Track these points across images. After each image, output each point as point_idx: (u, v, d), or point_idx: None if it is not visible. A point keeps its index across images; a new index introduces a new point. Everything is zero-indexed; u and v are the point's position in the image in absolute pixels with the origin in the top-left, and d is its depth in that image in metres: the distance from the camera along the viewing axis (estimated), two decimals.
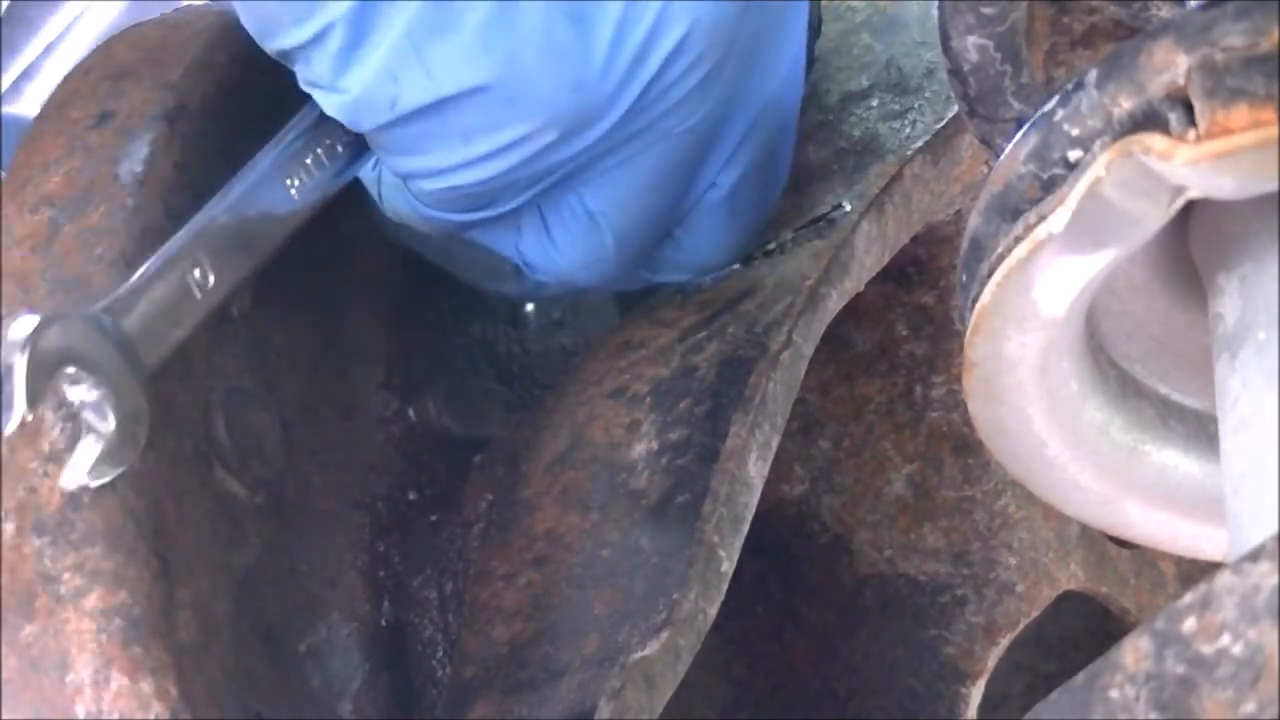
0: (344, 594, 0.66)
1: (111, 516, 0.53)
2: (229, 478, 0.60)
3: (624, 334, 0.70)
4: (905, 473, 0.75)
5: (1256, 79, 0.37)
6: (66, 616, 0.52)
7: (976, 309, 0.43)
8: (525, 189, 0.66)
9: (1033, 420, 0.47)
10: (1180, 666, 0.29)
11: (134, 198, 0.61)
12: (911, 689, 0.72)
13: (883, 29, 0.78)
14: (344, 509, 0.68)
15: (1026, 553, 0.74)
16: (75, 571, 0.52)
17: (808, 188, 0.73)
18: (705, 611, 0.57)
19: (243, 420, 0.62)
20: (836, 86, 0.77)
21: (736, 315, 0.66)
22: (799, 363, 0.63)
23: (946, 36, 0.51)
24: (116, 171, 0.62)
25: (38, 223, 0.61)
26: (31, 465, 0.54)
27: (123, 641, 0.52)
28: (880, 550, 0.74)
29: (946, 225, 0.75)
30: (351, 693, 0.65)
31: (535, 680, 0.58)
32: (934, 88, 0.74)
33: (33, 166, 0.64)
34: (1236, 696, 0.28)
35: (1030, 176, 0.41)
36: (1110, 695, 0.30)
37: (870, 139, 0.73)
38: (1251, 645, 0.28)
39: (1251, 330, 0.41)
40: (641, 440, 0.63)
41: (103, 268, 0.58)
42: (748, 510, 0.60)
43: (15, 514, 0.54)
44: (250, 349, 0.65)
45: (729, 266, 0.72)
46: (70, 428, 0.53)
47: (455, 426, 0.73)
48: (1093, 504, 0.50)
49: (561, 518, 0.63)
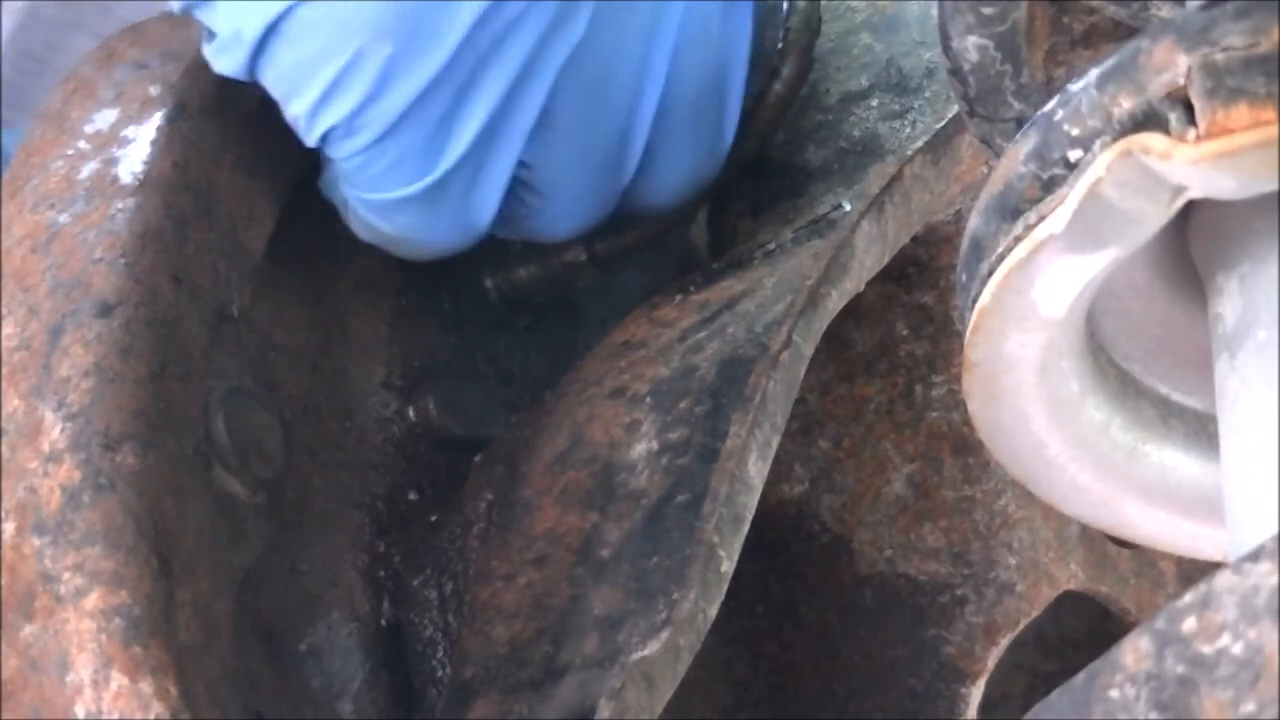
0: (344, 594, 0.66)
1: (111, 516, 0.53)
2: (229, 478, 0.60)
3: (624, 334, 0.70)
4: (905, 473, 0.75)
5: (1256, 79, 0.37)
6: (66, 616, 0.52)
7: (976, 309, 0.43)
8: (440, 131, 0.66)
9: (1033, 420, 0.47)
10: (1180, 666, 0.29)
11: (134, 198, 0.61)
12: (911, 689, 0.72)
13: (883, 29, 0.78)
14: (344, 509, 0.68)
15: (1026, 553, 0.74)
16: (75, 571, 0.52)
17: (808, 188, 0.73)
18: (705, 611, 0.57)
19: (243, 420, 0.62)
20: (836, 86, 0.77)
21: (736, 315, 0.66)
22: (799, 363, 0.63)
23: (946, 36, 0.51)
24: (116, 171, 0.62)
25: (37, 223, 0.61)
26: (31, 465, 0.54)
27: (123, 641, 0.51)
28: (880, 550, 0.74)
29: (946, 225, 0.75)
30: (351, 693, 0.65)
31: (535, 680, 0.58)
32: (934, 88, 0.74)
33: (33, 166, 0.64)
34: (1236, 696, 0.28)
35: (1030, 176, 0.41)
36: (1110, 695, 0.30)
37: (870, 139, 0.73)
38: (1251, 645, 0.28)
39: (1251, 330, 0.41)
40: (641, 440, 0.63)
41: (103, 268, 0.58)
42: (748, 510, 0.60)
43: (15, 514, 0.54)
44: (250, 349, 0.65)
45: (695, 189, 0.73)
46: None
47: (455, 426, 0.73)
48: (1093, 504, 0.50)
49: (561, 518, 0.63)
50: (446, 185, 0.67)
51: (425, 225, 0.69)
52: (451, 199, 0.68)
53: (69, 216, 0.60)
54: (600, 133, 0.70)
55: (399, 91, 0.64)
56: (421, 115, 0.65)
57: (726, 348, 0.64)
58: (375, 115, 0.65)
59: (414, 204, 0.68)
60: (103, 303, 0.57)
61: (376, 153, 0.66)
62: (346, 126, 0.65)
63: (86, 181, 0.62)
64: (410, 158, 0.66)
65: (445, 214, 0.69)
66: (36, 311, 0.58)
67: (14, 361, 0.57)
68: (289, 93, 0.66)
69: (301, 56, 0.64)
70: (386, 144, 0.66)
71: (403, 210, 0.68)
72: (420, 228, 0.69)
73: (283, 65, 0.65)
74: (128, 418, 0.55)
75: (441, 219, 0.69)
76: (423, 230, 0.69)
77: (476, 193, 0.69)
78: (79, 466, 0.54)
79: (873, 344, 0.76)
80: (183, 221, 0.61)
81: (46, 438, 0.54)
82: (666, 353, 0.66)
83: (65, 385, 0.55)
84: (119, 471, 0.54)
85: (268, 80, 0.66)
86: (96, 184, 0.61)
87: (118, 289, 0.58)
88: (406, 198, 0.67)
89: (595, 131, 0.70)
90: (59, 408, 0.55)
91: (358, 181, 0.68)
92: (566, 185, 0.71)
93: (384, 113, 0.65)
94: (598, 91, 0.69)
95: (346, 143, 0.66)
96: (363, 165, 0.67)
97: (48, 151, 0.64)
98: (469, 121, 0.66)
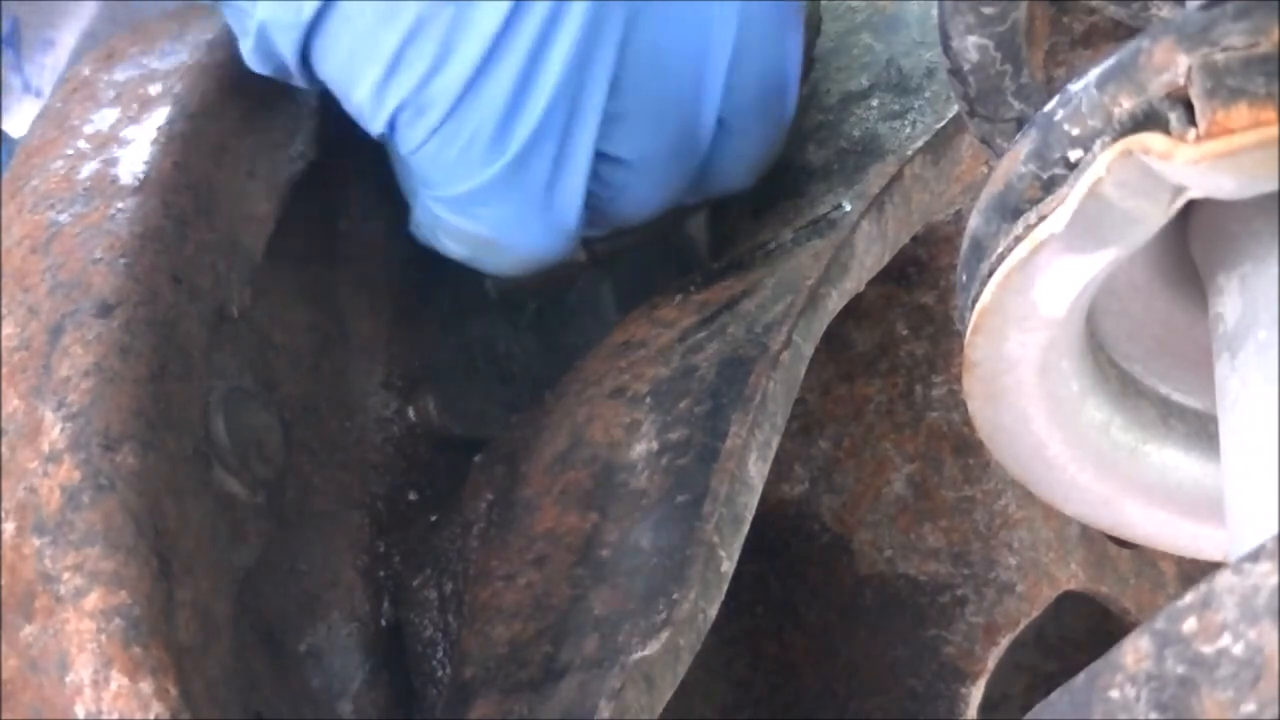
0: (344, 594, 0.66)
1: (111, 516, 0.53)
2: (229, 478, 0.60)
3: (624, 334, 0.70)
4: (905, 473, 0.75)
5: (1256, 79, 0.37)
6: (66, 616, 0.52)
7: (976, 309, 0.43)
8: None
9: (1033, 420, 0.47)
10: (1180, 666, 0.29)
11: (134, 198, 0.61)
12: (911, 689, 0.72)
13: (883, 29, 0.78)
14: (344, 509, 0.68)
15: (1026, 553, 0.74)
16: (75, 571, 0.52)
17: (808, 188, 0.73)
18: (705, 611, 0.57)
19: (243, 420, 0.62)
20: (836, 86, 0.77)
21: (736, 315, 0.66)
22: (799, 363, 0.63)
23: (946, 36, 0.51)
24: (116, 172, 0.62)
25: (37, 223, 0.61)
26: (31, 465, 0.54)
27: (123, 641, 0.51)
28: (880, 550, 0.74)
29: (946, 225, 0.75)
30: (351, 693, 0.65)
31: (535, 680, 0.58)
32: (934, 88, 0.74)
33: (33, 166, 0.64)
34: (1237, 696, 0.28)
35: (1030, 176, 0.41)
36: (1110, 695, 0.30)
37: (870, 139, 0.73)
38: (1252, 645, 0.28)
39: (1251, 330, 0.41)
40: (641, 440, 0.63)
41: (102, 268, 0.58)
42: (748, 510, 0.60)
43: (15, 514, 0.54)
44: (250, 349, 0.65)
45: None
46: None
47: (455, 426, 0.73)
48: (1093, 504, 0.50)
49: (561, 518, 0.63)
50: (527, 164, 0.65)
51: (512, 218, 0.67)
52: (534, 182, 0.66)
53: (69, 216, 0.60)
54: (673, 99, 0.68)
55: (465, 56, 0.62)
56: (490, 82, 0.63)
57: (726, 348, 0.64)
58: (443, 85, 0.63)
59: (496, 191, 0.66)
60: (102, 303, 0.57)
61: (449, 133, 0.64)
62: (415, 103, 0.63)
63: (86, 182, 0.62)
64: (484, 134, 0.64)
65: (531, 202, 0.66)
66: (36, 311, 0.58)
67: (14, 361, 0.57)
68: (351, 76, 0.64)
69: (359, 33, 0.62)
70: (458, 119, 0.64)
71: (485, 201, 0.66)
72: (507, 222, 0.67)
73: (341, 47, 0.63)
74: (127, 418, 0.55)
75: (528, 208, 0.66)
76: (511, 226, 0.67)
77: (560, 173, 0.66)
78: (79, 466, 0.54)
79: (873, 344, 0.76)
80: (182, 221, 0.61)
81: (46, 438, 0.54)
82: (666, 353, 0.66)
83: (65, 385, 0.55)
84: (119, 472, 0.54)
85: (326, 69, 0.64)
86: (96, 184, 0.61)
87: (117, 289, 0.58)
88: (487, 184, 0.65)
89: (668, 99, 0.67)
90: (59, 408, 0.55)
91: (434, 176, 0.66)
92: (648, 158, 0.68)
93: (452, 81, 0.63)
94: (665, 56, 0.66)
95: (418, 124, 0.64)
96: (437, 152, 0.65)
97: (48, 151, 0.64)
98: (541, 89, 0.64)
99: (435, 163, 0.65)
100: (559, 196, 0.67)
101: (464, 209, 0.67)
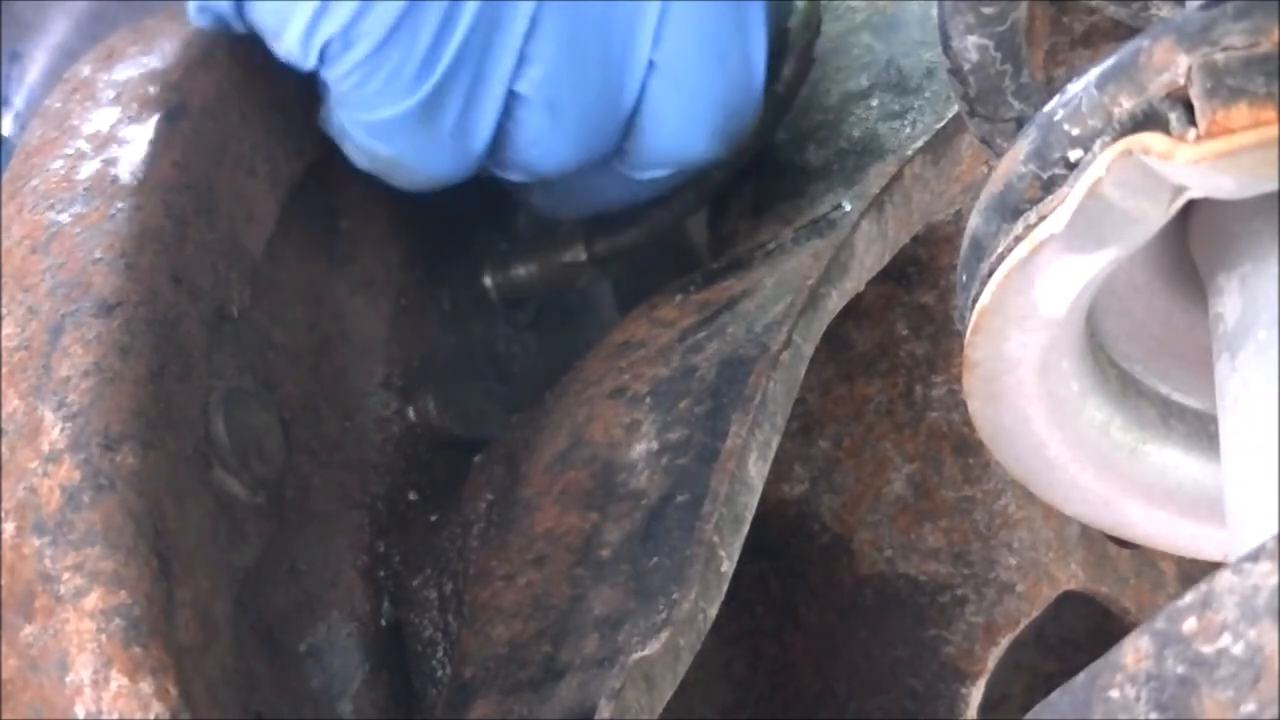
0: (344, 594, 0.66)
1: (111, 516, 0.53)
2: (229, 478, 0.60)
3: (624, 334, 0.70)
4: (905, 473, 0.75)
5: (1256, 79, 0.37)
6: (66, 616, 0.52)
7: (976, 309, 0.43)
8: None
9: (1033, 420, 0.47)
10: (1180, 666, 0.29)
11: (133, 198, 0.61)
12: (911, 689, 0.72)
13: (883, 29, 0.78)
14: (344, 509, 0.68)
15: (1026, 553, 0.74)
16: (75, 571, 0.52)
17: (807, 188, 0.73)
18: (705, 611, 0.57)
19: (243, 420, 0.62)
20: (836, 86, 0.77)
21: (736, 315, 0.66)
22: (799, 363, 0.63)
23: (946, 36, 0.51)
24: (116, 171, 0.62)
25: (37, 223, 0.61)
26: (31, 465, 0.54)
27: (123, 641, 0.51)
28: (880, 550, 0.74)
29: (946, 225, 0.75)
30: (351, 693, 0.65)
31: (535, 680, 0.58)
32: (934, 88, 0.74)
33: (32, 166, 0.64)
34: (1237, 696, 0.28)
35: (1030, 176, 0.41)
36: (1110, 695, 0.30)
37: (870, 139, 0.73)
38: (1252, 645, 0.28)
39: (1251, 330, 0.41)
40: (641, 440, 0.63)
41: (102, 267, 0.58)
42: (748, 510, 0.60)
43: (15, 514, 0.54)
44: (250, 349, 0.65)
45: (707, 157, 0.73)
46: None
47: (455, 426, 0.73)
48: (1093, 504, 0.50)
49: (561, 518, 0.63)
50: (442, 101, 0.68)
51: (422, 147, 0.69)
52: (447, 117, 0.68)
53: (68, 216, 0.60)
54: (594, 44, 0.69)
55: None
56: (415, 24, 0.65)
57: (726, 348, 0.64)
58: (372, 23, 0.65)
59: (410, 122, 0.68)
60: (102, 302, 0.57)
61: (372, 66, 0.66)
62: (343, 37, 0.66)
63: (86, 181, 0.62)
64: (405, 71, 0.66)
65: (441, 135, 0.69)
66: (36, 311, 0.58)
67: (14, 361, 0.57)
68: (283, 15, 0.66)
69: None
70: (382, 55, 0.66)
71: (399, 130, 0.68)
72: (417, 150, 0.69)
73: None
74: (127, 418, 0.55)
75: (437, 140, 0.69)
76: (419, 154, 0.70)
77: (471, 109, 0.69)
78: (79, 466, 0.54)
79: (873, 344, 0.76)
80: (182, 221, 0.61)
81: (46, 438, 0.54)
82: (666, 353, 0.66)
83: (65, 385, 0.55)
84: (119, 472, 0.54)
85: (259, 12, 0.66)
86: (96, 184, 0.61)
87: (117, 289, 0.58)
88: (403, 115, 0.68)
89: (588, 43, 0.69)
90: (59, 408, 0.55)
91: (354, 102, 0.68)
92: (565, 103, 0.70)
93: (380, 20, 0.65)
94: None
95: (344, 57, 0.66)
96: (359, 83, 0.67)
97: (47, 151, 0.64)
98: (459, 27, 0.66)
99: (357, 92, 0.68)
100: (469, 130, 0.69)
101: (376, 133, 0.69)
